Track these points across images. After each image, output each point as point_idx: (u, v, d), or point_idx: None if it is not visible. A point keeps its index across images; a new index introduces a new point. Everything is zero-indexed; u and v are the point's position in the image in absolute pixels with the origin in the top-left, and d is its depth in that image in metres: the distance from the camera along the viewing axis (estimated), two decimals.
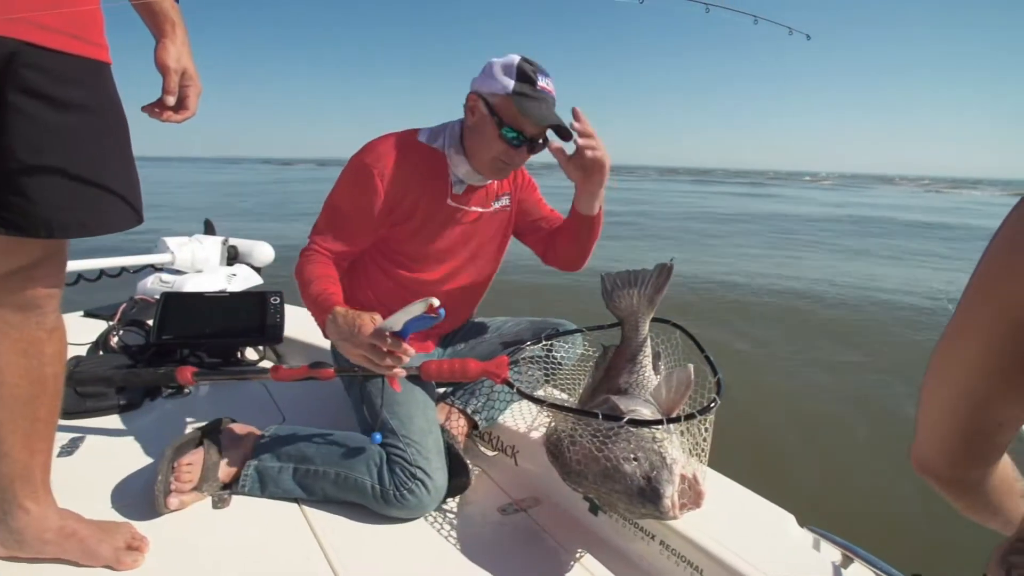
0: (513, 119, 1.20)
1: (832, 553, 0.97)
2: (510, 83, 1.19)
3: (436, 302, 1.04)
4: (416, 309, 1.06)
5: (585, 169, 1.22)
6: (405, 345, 1.07)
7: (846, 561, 0.95)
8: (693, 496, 0.95)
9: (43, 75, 0.74)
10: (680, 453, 0.99)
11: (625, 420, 0.99)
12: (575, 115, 1.17)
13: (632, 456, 0.96)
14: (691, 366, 1.15)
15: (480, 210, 1.38)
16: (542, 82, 1.21)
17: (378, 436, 1.17)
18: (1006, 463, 0.55)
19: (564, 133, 1.22)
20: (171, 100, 0.85)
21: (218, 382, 1.79)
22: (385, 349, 1.07)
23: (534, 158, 1.34)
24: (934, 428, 0.53)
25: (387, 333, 1.06)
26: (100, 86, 0.82)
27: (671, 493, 0.92)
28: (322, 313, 1.16)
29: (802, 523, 1.04)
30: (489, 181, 1.36)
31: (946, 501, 0.58)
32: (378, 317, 1.10)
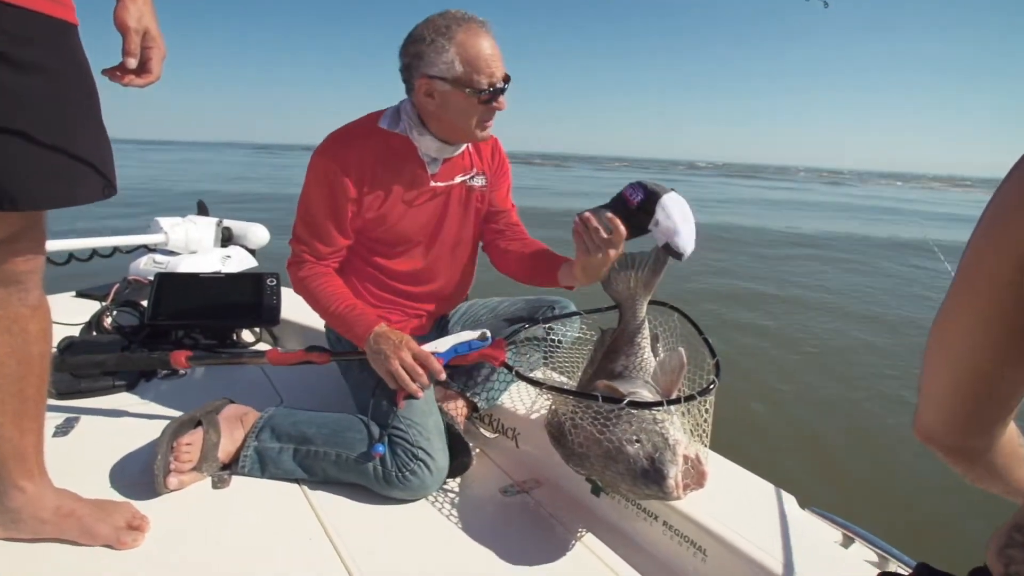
0: (477, 74, 1.14)
1: (833, 533, 0.98)
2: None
3: (488, 332, 1.21)
4: (467, 335, 1.22)
5: (595, 257, 1.13)
6: (442, 371, 1.16)
7: (847, 541, 0.96)
8: (696, 476, 0.95)
9: (1, 34, 0.69)
10: (682, 434, 0.99)
11: (625, 402, 0.99)
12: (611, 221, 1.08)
13: (635, 438, 0.96)
14: (682, 349, 1.15)
15: (459, 180, 1.35)
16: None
17: (381, 447, 1.14)
18: (1012, 431, 0.55)
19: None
20: (132, 63, 0.79)
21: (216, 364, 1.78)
22: (423, 371, 1.14)
23: (518, 148, 1.31)
24: (937, 396, 0.53)
25: (430, 354, 1.16)
26: (65, 48, 0.77)
27: (675, 473, 0.92)
28: (362, 327, 1.19)
29: (803, 504, 1.05)
30: (463, 149, 1.32)
31: (946, 481, 0.58)
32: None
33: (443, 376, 1.19)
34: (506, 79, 1.20)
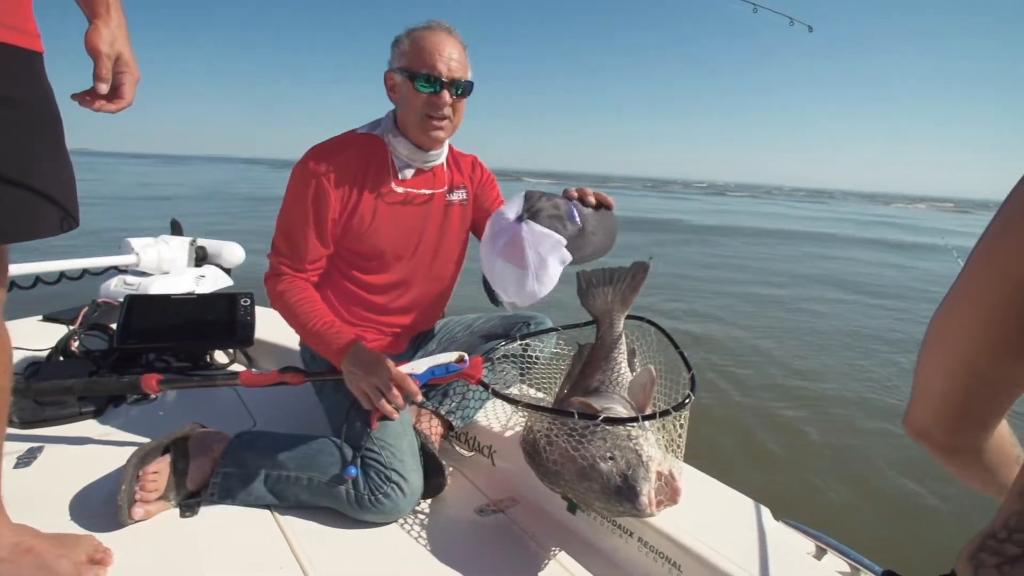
0: (420, 63, 1.20)
1: (806, 545, 0.98)
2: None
3: (466, 355, 1.22)
4: (445, 358, 1.21)
5: None
6: (418, 393, 1.17)
7: (820, 552, 0.97)
8: (670, 493, 0.95)
9: None
10: (656, 450, 0.99)
11: (601, 419, 0.98)
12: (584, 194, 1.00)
13: (608, 455, 0.96)
14: (651, 366, 1.16)
15: (430, 192, 1.35)
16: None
17: (353, 469, 1.13)
18: (1003, 430, 0.55)
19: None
20: (104, 88, 0.78)
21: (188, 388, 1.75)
22: (399, 392, 1.14)
23: (504, 165, 1.32)
24: (931, 394, 0.53)
25: (407, 375, 1.16)
26: (29, 78, 0.75)
27: (648, 491, 0.92)
28: (340, 345, 1.19)
29: (777, 516, 1.05)
30: (436, 163, 1.34)
31: (921, 492, 0.58)
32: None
33: (419, 398, 1.19)
34: (453, 80, 1.22)
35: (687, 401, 1.02)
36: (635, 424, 0.98)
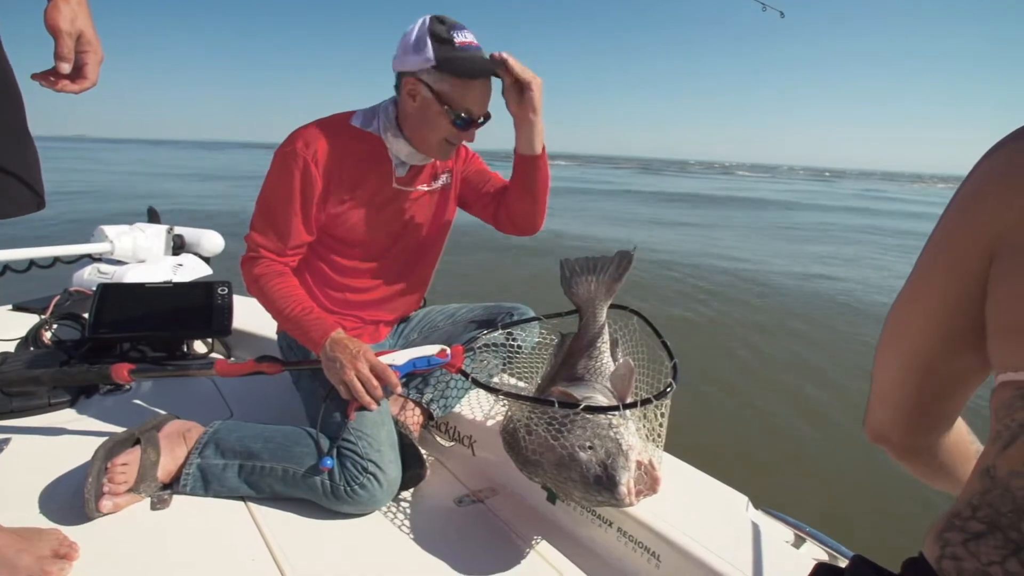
0: (459, 101, 1.15)
1: (785, 533, 0.98)
2: (430, 53, 1.12)
3: (447, 348, 1.20)
4: (427, 350, 1.19)
5: (519, 91, 1.18)
6: (398, 385, 1.15)
7: (798, 541, 0.97)
8: (649, 482, 0.94)
9: None
10: (636, 439, 0.98)
11: (581, 407, 0.97)
12: (495, 57, 1.15)
13: (588, 444, 0.95)
14: (630, 359, 1.16)
15: (425, 188, 1.34)
16: (460, 38, 1.14)
17: (329, 461, 1.10)
18: (960, 427, 0.55)
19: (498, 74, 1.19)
20: (66, 68, 0.74)
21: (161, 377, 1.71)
22: (379, 383, 1.12)
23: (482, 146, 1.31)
24: (887, 395, 0.53)
25: (387, 366, 1.14)
26: None
27: (627, 480, 0.91)
28: (318, 332, 1.15)
29: (756, 505, 1.05)
30: (431, 159, 1.31)
31: (893, 477, 0.58)
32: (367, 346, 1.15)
33: (399, 390, 1.17)
34: (485, 116, 1.21)
35: (668, 390, 1.01)
36: (616, 413, 0.97)
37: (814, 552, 0.95)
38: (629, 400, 1.03)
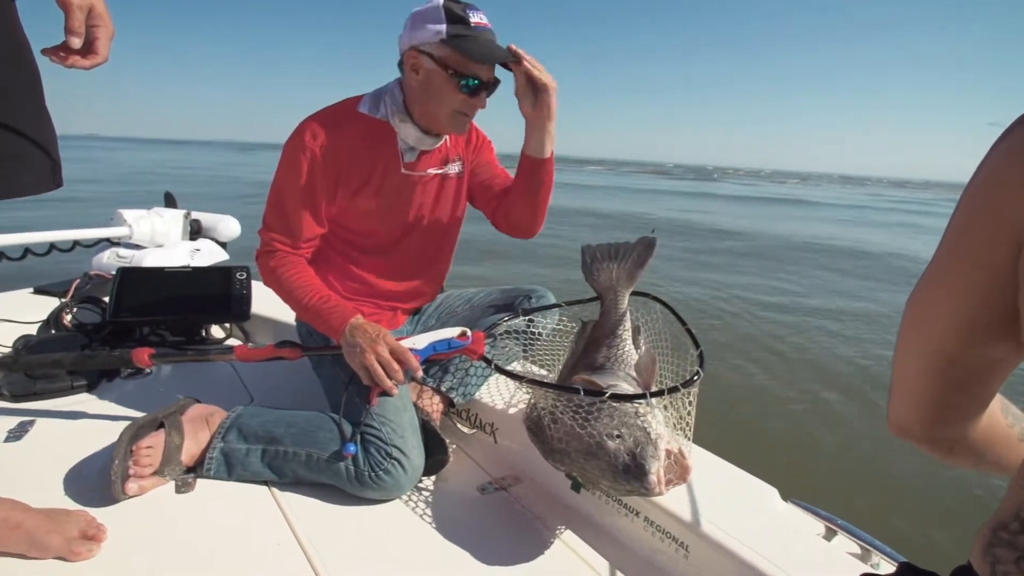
0: (464, 65, 1.12)
1: (816, 526, 0.96)
2: (442, 28, 1.10)
3: (468, 331, 1.17)
4: (447, 333, 1.16)
5: (535, 94, 1.16)
6: (419, 368, 1.12)
7: (830, 534, 0.95)
8: (679, 471, 0.93)
9: None
10: (664, 428, 0.96)
11: (608, 395, 0.96)
12: (512, 49, 1.13)
13: (616, 432, 0.93)
14: (655, 351, 1.15)
15: (435, 171, 1.31)
16: (474, 18, 1.11)
17: (352, 447, 1.10)
18: (994, 409, 0.52)
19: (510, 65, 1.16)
20: (76, 42, 0.73)
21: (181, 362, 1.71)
22: (399, 367, 1.10)
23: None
24: (909, 387, 0.51)
25: (408, 349, 1.11)
26: (1, 24, 0.71)
27: (656, 468, 0.89)
28: (338, 319, 1.14)
29: (785, 497, 1.03)
30: (441, 142, 1.29)
31: (930, 472, 0.56)
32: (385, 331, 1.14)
33: (420, 374, 1.16)
34: (495, 81, 1.18)
35: (696, 378, 0.99)
36: (643, 401, 0.96)
37: (847, 546, 0.92)
38: (654, 389, 1.02)
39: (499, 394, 1.37)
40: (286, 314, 1.65)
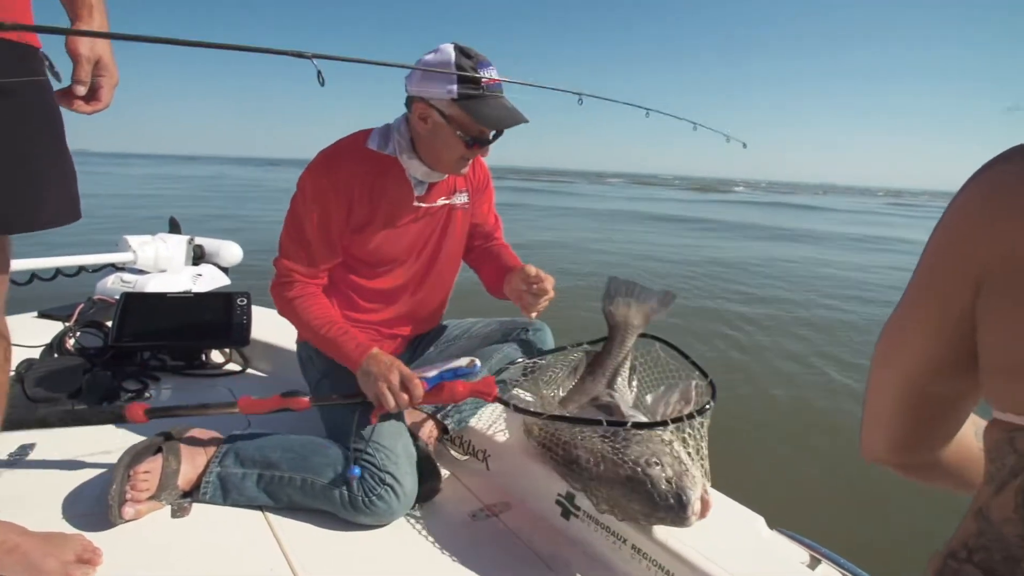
0: (471, 126, 1.16)
1: (800, 554, 0.98)
2: (453, 88, 1.12)
3: (478, 361, 1.22)
4: (455, 363, 1.20)
5: (529, 293, 1.27)
6: (420, 398, 1.14)
7: (814, 562, 0.96)
8: (701, 507, 0.96)
9: None
10: (689, 460, 1.00)
11: (630, 424, 1.00)
12: (528, 275, 1.26)
13: (654, 460, 0.97)
14: (693, 382, 1.17)
15: (444, 202, 1.35)
16: (485, 75, 1.13)
17: (356, 469, 1.12)
18: (967, 432, 0.53)
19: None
20: (81, 91, 0.79)
21: (181, 380, 1.74)
22: (407, 395, 1.12)
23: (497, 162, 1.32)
24: (880, 418, 0.53)
25: (416, 377, 1.15)
26: (24, 71, 0.76)
27: (694, 500, 0.93)
28: (357, 352, 1.17)
29: (771, 525, 1.04)
30: (446, 176, 1.33)
31: (913, 500, 0.58)
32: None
33: (419, 401, 1.16)
34: (499, 132, 1.21)
35: (708, 406, 1.02)
36: (664, 428, 1.01)
37: (830, 574, 0.94)
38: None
39: (491, 421, 1.39)
40: (286, 340, 1.68)
